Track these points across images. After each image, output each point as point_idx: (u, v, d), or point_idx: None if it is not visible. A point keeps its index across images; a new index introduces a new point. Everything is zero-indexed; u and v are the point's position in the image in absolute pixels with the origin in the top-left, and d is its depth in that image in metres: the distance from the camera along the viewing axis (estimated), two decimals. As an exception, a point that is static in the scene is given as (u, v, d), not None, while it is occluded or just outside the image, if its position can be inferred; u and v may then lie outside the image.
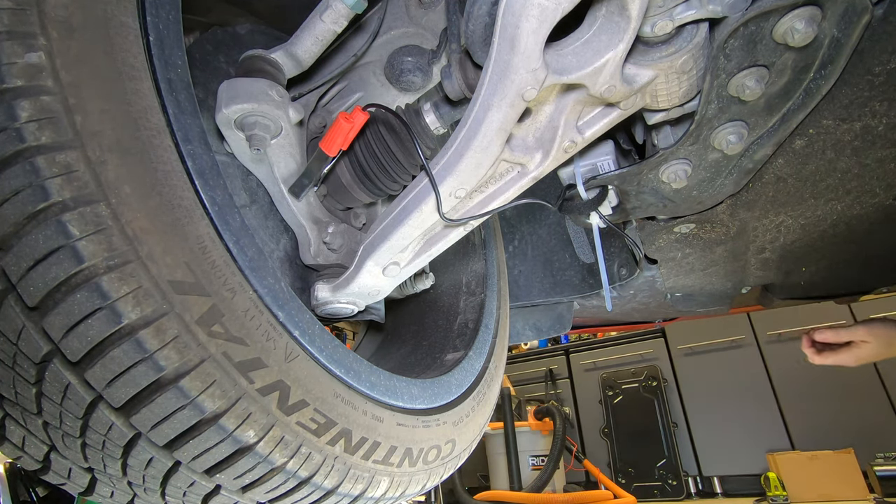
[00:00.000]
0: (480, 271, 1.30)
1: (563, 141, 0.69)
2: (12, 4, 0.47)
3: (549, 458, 3.20)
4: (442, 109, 0.86)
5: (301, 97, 0.89)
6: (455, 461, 0.95)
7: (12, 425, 0.61)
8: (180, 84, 0.60)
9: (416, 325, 1.30)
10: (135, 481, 0.62)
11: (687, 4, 0.55)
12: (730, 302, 1.35)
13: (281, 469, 0.61)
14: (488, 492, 3.29)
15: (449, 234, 0.82)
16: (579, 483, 4.08)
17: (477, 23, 0.62)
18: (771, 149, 0.70)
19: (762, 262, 1.05)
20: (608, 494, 2.91)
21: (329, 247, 0.91)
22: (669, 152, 0.70)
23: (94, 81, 0.50)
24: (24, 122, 0.45)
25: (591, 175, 0.76)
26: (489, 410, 1.11)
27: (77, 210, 0.47)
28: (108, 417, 0.53)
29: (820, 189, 0.80)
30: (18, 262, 0.46)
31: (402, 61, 0.89)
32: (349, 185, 0.92)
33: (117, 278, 0.48)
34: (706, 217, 0.85)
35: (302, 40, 0.80)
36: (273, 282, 0.64)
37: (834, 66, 0.59)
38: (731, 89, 0.63)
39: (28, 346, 0.50)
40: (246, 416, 0.56)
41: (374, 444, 0.73)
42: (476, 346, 1.14)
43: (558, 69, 0.58)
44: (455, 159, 0.67)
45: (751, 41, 0.58)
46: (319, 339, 0.68)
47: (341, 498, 0.71)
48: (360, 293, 0.89)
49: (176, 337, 0.51)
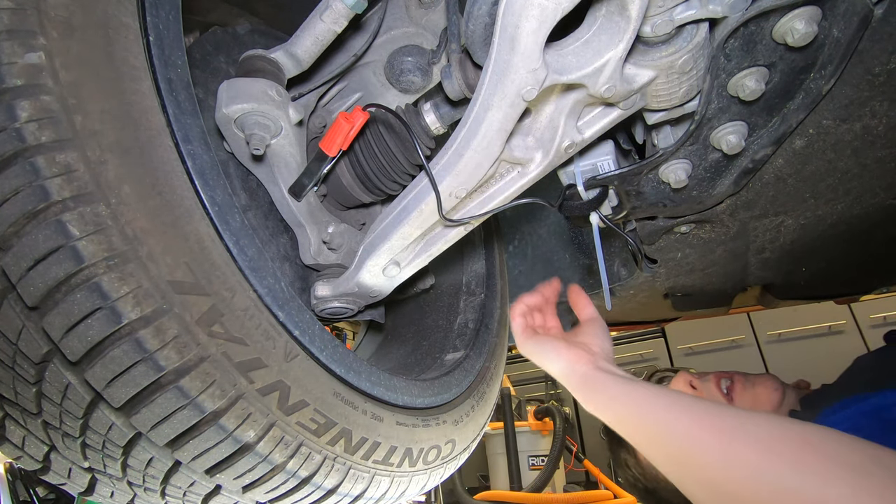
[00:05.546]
0: (480, 271, 1.30)
1: (563, 141, 0.69)
2: (12, 4, 0.47)
3: (549, 458, 3.20)
4: (442, 109, 0.86)
5: (301, 97, 0.89)
6: (455, 461, 0.95)
7: (12, 425, 0.61)
8: (180, 84, 0.60)
9: (416, 325, 1.30)
10: (135, 481, 0.62)
11: (687, 4, 0.55)
12: (730, 302, 1.35)
13: (281, 469, 0.61)
14: (488, 492, 3.29)
15: (449, 234, 0.82)
16: (579, 483, 4.08)
17: (477, 23, 0.62)
18: (771, 149, 0.70)
19: (762, 262, 1.05)
20: (608, 494, 2.91)
21: (329, 247, 0.91)
22: (669, 152, 0.70)
23: (94, 81, 0.50)
24: (24, 122, 0.45)
25: (591, 175, 0.76)
26: (489, 410, 1.11)
27: (77, 210, 0.47)
28: (108, 417, 0.53)
29: (820, 189, 0.80)
30: (18, 262, 0.46)
31: (402, 61, 0.89)
32: (349, 186, 0.92)
33: (117, 278, 0.48)
34: (706, 217, 0.85)
35: (302, 40, 0.80)
36: (273, 282, 0.64)
37: (834, 66, 0.59)
38: (731, 89, 0.63)
39: (28, 346, 0.50)
40: (246, 415, 0.56)
41: (375, 444, 0.73)
42: (476, 346, 1.14)
43: (558, 69, 0.58)
44: (455, 159, 0.67)
45: (751, 41, 0.58)
46: (319, 338, 0.68)
47: (341, 498, 0.71)
48: (360, 293, 0.89)
49: (176, 337, 0.51)
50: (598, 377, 0.64)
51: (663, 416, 0.54)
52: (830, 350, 3.59)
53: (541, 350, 0.72)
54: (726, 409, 0.52)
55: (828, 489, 0.41)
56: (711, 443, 0.49)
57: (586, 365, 0.66)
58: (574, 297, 0.79)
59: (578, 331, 0.75)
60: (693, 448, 0.50)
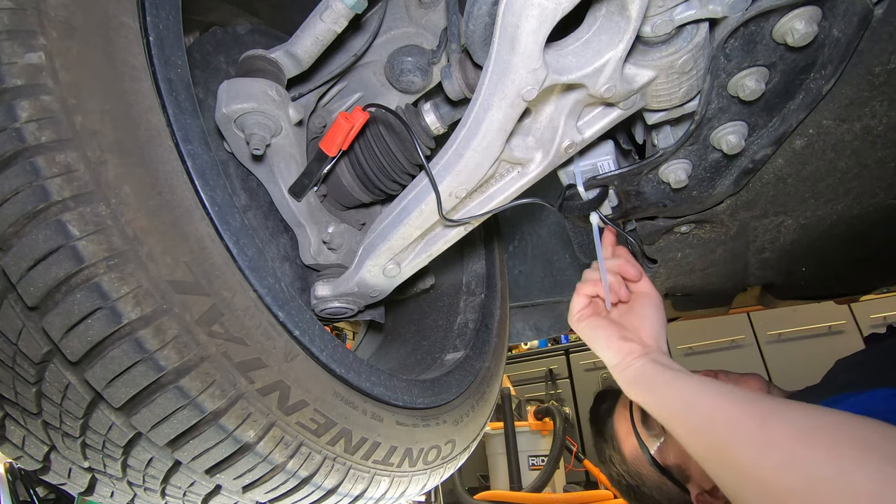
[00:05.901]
0: (480, 271, 1.30)
1: (563, 141, 0.69)
2: (12, 4, 0.47)
3: (549, 458, 3.20)
4: (442, 109, 0.86)
5: (301, 97, 0.89)
6: (455, 461, 0.96)
7: (12, 425, 0.61)
8: (180, 84, 0.60)
9: (416, 325, 1.30)
10: (135, 481, 0.62)
11: (687, 4, 0.55)
12: (730, 302, 1.35)
13: (281, 469, 0.61)
14: (488, 492, 3.29)
15: (449, 234, 0.82)
16: (579, 483, 4.08)
17: (477, 23, 0.62)
18: (771, 149, 0.70)
19: (762, 262, 1.05)
20: (608, 494, 2.91)
21: (329, 247, 0.91)
22: (669, 152, 0.70)
23: (94, 81, 0.50)
24: (23, 122, 0.45)
25: (591, 175, 0.76)
26: (489, 410, 1.11)
27: (77, 210, 0.47)
28: (108, 417, 0.53)
29: (820, 189, 0.80)
30: (18, 262, 0.46)
31: (402, 61, 0.89)
32: (349, 186, 0.92)
33: (117, 278, 0.48)
34: (706, 217, 0.85)
35: (302, 40, 0.80)
36: (273, 282, 0.64)
37: (834, 66, 0.59)
38: (731, 89, 0.63)
39: (28, 346, 0.50)
40: (246, 415, 0.56)
41: (374, 444, 0.73)
42: (476, 345, 1.14)
43: (558, 69, 0.58)
44: (455, 159, 0.67)
45: (751, 41, 0.58)
46: (319, 338, 0.68)
47: (341, 498, 0.71)
48: (360, 293, 0.89)
49: (176, 337, 0.51)
50: (648, 373, 0.63)
51: (708, 406, 0.55)
52: (830, 350, 3.58)
53: (593, 336, 0.71)
54: (763, 397, 0.52)
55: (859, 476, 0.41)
56: (750, 427, 0.49)
57: (639, 359, 0.65)
58: (625, 265, 0.75)
59: (631, 309, 0.73)
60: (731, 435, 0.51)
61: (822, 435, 0.45)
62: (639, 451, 1.01)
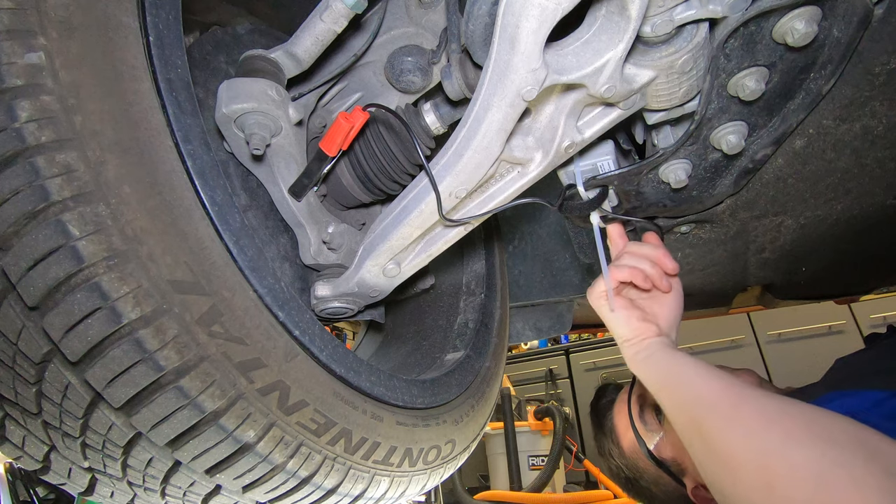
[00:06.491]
0: (480, 271, 1.30)
1: (563, 141, 0.69)
2: (12, 4, 0.47)
3: (549, 458, 3.20)
4: (442, 109, 0.86)
5: (301, 97, 0.89)
6: (455, 461, 0.96)
7: (12, 425, 0.61)
8: (180, 84, 0.60)
9: (416, 325, 1.30)
10: (135, 481, 0.62)
11: (687, 4, 0.55)
12: (730, 302, 1.35)
13: (281, 469, 0.61)
14: (488, 492, 3.29)
15: (449, 234, 0.82)
16: (579, 483, 4.08)
17: (477, 23, 0.62)
18: (771, 149, 0.70)
19: (762, 262, 1.05)
20: (608, 494, 2.90)
21: (329, 247, 0.91)
22: (669, 152, 0.70)
23: (94, 81, 0.50)
24: (23, 122, 0.45)
25: (591, 175, 0.76)
26: (489, 410, 1.11)
27: (77, 210, 0.47)
28: (108, 417, 0.53)
29: (820, 189, 0.80)
30: (18, 262, 0.46)
31: (402, 61, 0.89)
32: (349, 186, 0.92)
33: (117, 278, 0.48)
34: (706, 217, 0.85)
35: (302, 40, 0.80)
36: (273, 282, 0.64)
37: (834, 66, 0.59)
38: (731, 89, 0.63)
39: (28, 346, 0.50)
40: (246, 415, 0.56)
41: (374, 444, 0.73)
42: (476, 345, 1.14)
43: (558, 69, 0.58)
44: (455, 159, 0.67)
45: (751, 41, 0.58)
46: (319, 338, 0.68)
47: (341, 498, 0.71)
48: (360, 293, 0.89)
49: (176, 337, 0.51)
50: (656, 351, 0.69)
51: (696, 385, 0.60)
52: (830, 350, 3.58)
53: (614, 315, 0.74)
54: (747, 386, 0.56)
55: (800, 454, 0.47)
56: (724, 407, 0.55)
57: (652, 339, 0.70)
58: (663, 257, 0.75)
59: (654, 296, 0.76)
60: (707, 412, 0.56)
61: (785, 420, 0.50)
62: (637, 445, 1.02)
